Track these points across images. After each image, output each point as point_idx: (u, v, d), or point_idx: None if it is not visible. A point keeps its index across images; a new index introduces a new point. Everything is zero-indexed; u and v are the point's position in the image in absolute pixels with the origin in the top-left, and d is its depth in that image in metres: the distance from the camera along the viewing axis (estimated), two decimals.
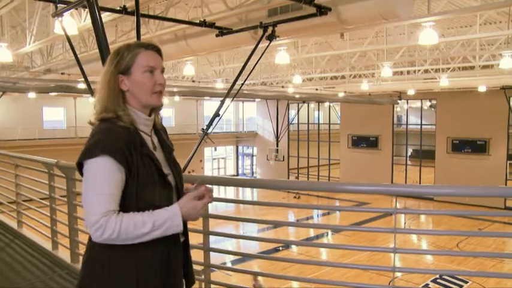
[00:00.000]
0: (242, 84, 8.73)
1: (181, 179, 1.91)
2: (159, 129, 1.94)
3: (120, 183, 1.65)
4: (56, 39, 11.00)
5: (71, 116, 28.15)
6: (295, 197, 27.82)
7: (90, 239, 1.70)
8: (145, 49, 1.81)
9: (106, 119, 1.74)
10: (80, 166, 1.70)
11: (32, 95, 21.12)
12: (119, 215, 1.60)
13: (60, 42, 12.75)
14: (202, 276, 2.98)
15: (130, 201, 1.67)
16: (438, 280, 13.54)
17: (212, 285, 3.04)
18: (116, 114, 1.73)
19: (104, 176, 1.62)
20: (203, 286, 3.04)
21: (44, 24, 10.31)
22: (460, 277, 13.60)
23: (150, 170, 1.74)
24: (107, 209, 1.59)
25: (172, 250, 1.79)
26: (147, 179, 1.72)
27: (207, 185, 1.83)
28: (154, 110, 1.89)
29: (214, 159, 36.99)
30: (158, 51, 1.85)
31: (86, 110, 27.60)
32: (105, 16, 7.28)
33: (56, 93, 20.68)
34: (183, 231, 1.86)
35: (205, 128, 7.73)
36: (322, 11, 6.77)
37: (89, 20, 7.97)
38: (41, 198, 4.98)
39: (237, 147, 39.26)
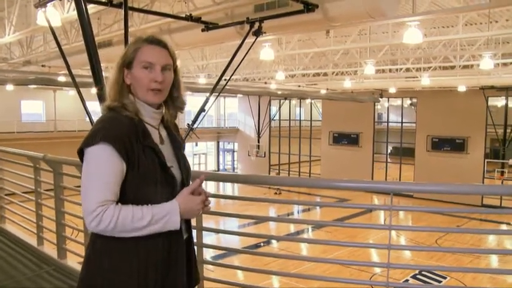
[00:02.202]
0: (228, 80, 8.70)
1: (188, 176, 1.89)
2: (169, 125, 1.92)
3: (120, 173, 1.62)
4: (37, 31, 10.78)
5: (50, 109, 27.67)
6: (276, 193, 27.89)
7: (92, 232, 1.68)
8: (148, 44, 1.77)
9: (112, 108, 1.72)
10: (81, 153, 1.67)
11: (10, 87, 20.67)
12: (117, 206, 1.58)
13: (40, 33, 12.49)
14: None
15: (131, 193, 1.64)
16: (418, 276, 13.76)
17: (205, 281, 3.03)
18: (122, 103, 1.72)
19: (103, 164, 1.59)
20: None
21: (23, 14, 10.08)
22: (438, 273, 13.85)
23: (152, 162, 1.70)
24: (105, 198, 1.56)
25: (174, 246, 1.76)
26: (149, 170, 1.68)
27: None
28: (175, 107, 1.93)
29: (195, 154, 36.82)
30: (164, 46, 1.81)
31: (65, 104, 27.22)
32: (90, 8, 7.15)
33: (35, 86, 20.29)
34: (187, 228, 1.85)
35: (190, 123, 7.69)
36: (309, 7, 6.78)
37: (71, 12, 7.87)
38: (24, 193, 4.87)
39: (218, 142, 39.14)
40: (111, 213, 1.55)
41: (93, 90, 4.50)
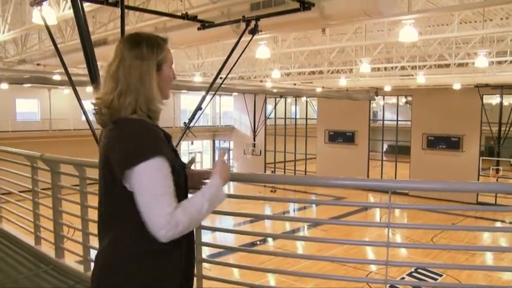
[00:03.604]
0: (224, 78, 8.69)
1: None
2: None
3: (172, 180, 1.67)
4: (32, 29, 10.73)
5: (45, 108, 27.55)
6: (271, 191, 27.93)
7: (117, 236, 1.69)
8: (166, 43, 1.85)
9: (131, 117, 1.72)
10: (127, 168, 1.63)
11: (4, 85, 20.54)
12: (182, 208, 1.61)
13: (35, 32, 12.44)
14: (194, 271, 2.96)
15: None
16: (413, 274, 13.81)
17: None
18: (152, 110, 1.75)
19: (162, 177, 1.62)
20: (195, 281, 3.03)
21: (18, 12, 10.03)
22: (434, 270, 13.92)
23: (179, 165, 1.82)
24: (172, 207, 1.59)
25: (192, 242, 1.90)
26: (180, 173, 1.79)
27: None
28: None
29: (190, 153, 36.75)
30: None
31: (60, 102, 27.10)
32: (85, 7, 7.11)
33: (30, 85, 20.18)
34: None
35: (187, 121, 7.66)
36: (305, 6, 6.77)
37: (67, 10, 7.83)
38: (21, 192, 4.85)
39: (214, 141, 39.11)
40: (181, 217, 1.59)
41: (89, 89, 4.49)
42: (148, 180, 1.60)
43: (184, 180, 1.85)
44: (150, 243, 1.62)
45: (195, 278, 3.01)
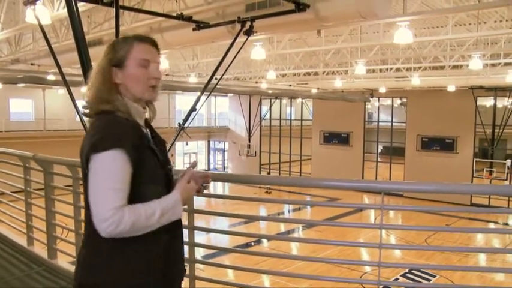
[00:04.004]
0: (219, 79, 8.68)
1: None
2: (150, 123, 1.93)
3: (129, 177, 1.62)
4: (26, 29, 10.67)
5: (39, 108, 27.41)
6: (266, 192, 27.93)
7: (90, 234, 1.66)
8: (140, 42, 1.79)
9: (105, 111, 1.71)
10: (87, 159, 1.64)
11: None
12: (130, 208, 1.58)
13: (29, 31, 12.37)
14: (187, 272, 2.95)
15: (135, 195, 1.64)
16: (407, 274, 13.84)
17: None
18: (113, 104, 1.71)
19: (116, 170, 1.59)
20: (188, 282, 3.02)
21: (11, 12, 9.98)
22: (428, 271, 13.95)
23: (155, 164, 1.74)
24: (120, 203, 1.56)
25: (175, 240, 1.83)
26: (152, 172, 1.72)
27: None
28: (149, 102, 1.89)
29: (185, 153, 36.70)
30: (154, 44, 1.83)
31: (55, 102, 26.97)
32: (80, 6, 7.07)
33: (23, 84, 20.09)
34: (179, 222, 1.87)
35: (181, 122, 7.66)
36: (300, 7, 6.78)
37: (61, 10, 7.80)
38: (13, 192, 4.81)
39: (209, 142, 39.06)
40: (127, 217, 1.55)
41: (84, 89, 4.45)
42: (102, 171, 1.59)
43: (165, 180, 1.81)
44: (124, 241, 1.61)
45: (187, 279, 3.01)
